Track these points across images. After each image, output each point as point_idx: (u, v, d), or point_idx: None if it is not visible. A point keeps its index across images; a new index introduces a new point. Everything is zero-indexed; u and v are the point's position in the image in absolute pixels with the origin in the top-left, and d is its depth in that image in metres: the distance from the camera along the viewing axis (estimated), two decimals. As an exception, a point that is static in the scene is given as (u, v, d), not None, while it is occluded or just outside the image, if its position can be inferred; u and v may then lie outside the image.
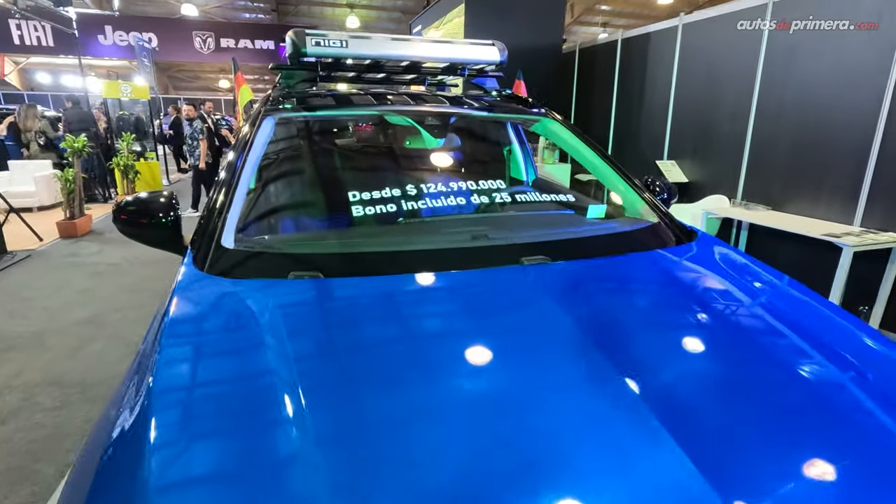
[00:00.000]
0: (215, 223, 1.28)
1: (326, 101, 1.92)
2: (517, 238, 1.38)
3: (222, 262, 1.18)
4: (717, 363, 0.93)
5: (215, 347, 0.93)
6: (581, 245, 1.39)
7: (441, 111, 2.02)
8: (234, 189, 1.38)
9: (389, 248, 1.30)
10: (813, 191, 3.65)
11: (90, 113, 8.00)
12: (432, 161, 1.95)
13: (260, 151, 1.56)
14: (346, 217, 1.38)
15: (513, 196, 1.58)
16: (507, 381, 0.85)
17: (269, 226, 1.53)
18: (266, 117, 1.67)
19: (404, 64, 2.23)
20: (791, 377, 0.89)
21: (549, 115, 2.03)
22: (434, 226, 1.43)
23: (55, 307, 3.67)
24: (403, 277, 1.15)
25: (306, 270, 1.14)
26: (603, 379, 0.83)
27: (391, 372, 0.85)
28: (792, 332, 1.02)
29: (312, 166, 1.86)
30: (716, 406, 0.80)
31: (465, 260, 1.25)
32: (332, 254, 1.28)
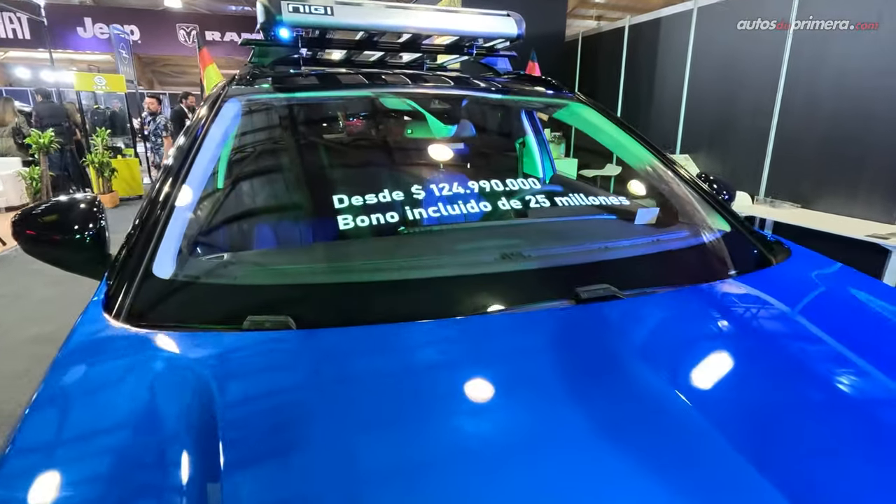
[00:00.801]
0: (145, 244, 0.91)
1: (308, 81, 1.56)
2: (563, 256, 1.02)
3: (148, 302, 0.82)
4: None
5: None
6: (651, 266, 1.04)
7: (450, 93, 1.66)
8: (175, 196, 1.00)
9: (390, 274, 0.93)
10: (849, 187, 3.34)
11: (63, 107, 7.53)
12: (441, 156, 1.58)
13: (217, 145, 1.19)
14: (329, 230, 1.02)
15: (549, 197, 1.21)
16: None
17: (222, 245, 1.14)
18: (228, 100, 1.30)
19: (402, 40, 1.87)
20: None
21: (576, 98, 1.68)
22: (448, 241, 1.08)
23: (8, 322, 3.26)
24: (414, 330, 0.79)
25: (270, 314, 0.78)
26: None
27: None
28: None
29: (287, 164, 1.46)
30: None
31: (496, 291, 0.89)
32: (309, 286, 0.91)
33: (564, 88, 1.75)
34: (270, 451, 0.56)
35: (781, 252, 1.18)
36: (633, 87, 5.33)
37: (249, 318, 0.77)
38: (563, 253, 1.04)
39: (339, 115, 1.83)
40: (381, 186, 1.09)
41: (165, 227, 0.93)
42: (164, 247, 0.90)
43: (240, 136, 1.34)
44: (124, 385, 0.66)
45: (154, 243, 0.90)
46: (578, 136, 5.84)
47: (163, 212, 0.96)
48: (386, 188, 1.08)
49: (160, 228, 0.92)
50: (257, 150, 1.45)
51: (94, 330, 0.78)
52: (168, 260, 0.89)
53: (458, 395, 0.67)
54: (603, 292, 0.87)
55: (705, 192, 1.36)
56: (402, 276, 0.92)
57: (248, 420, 0.60)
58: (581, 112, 1.66)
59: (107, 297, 0.83)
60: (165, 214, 0.96)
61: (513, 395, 0.67)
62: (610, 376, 0.70)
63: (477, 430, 0.60)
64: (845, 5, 3.23)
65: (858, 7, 3.16)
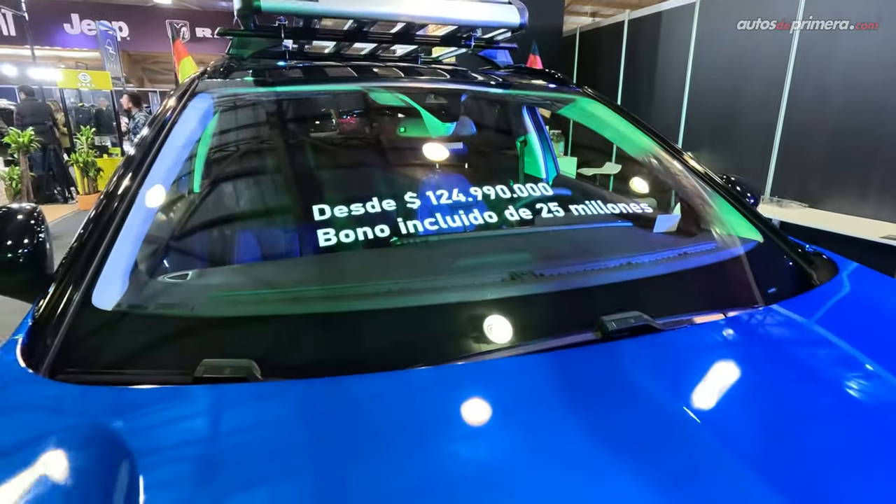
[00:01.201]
0: (86, 262, 0.76)
1: (289, 74, 1.41)
2: (582, 276, 0.88)
3: (80, 344, 0.66)
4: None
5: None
6: (684, 286, 0.90)
7: (448, 88, 1.51)
8: (126, 205, 0.84)
9: (377, 303, 0.78)
10: (860, 186, 3.22)
11: (45, 105, 7.31)
12: (438, 158, 1.42)
13: (183, 146, 1.04)
14: (307, 247, 0.87)
15: (561, 204, 1.07)
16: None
17: (179, 267, 0.95)
18: (196, 95, 1.15)
19: (394, 30, 1.72)
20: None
21: (585, 93, 1.54)
22: (447, 259, 0.93)
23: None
24: (404, 379, 0.64)
25: (228, 358, 0.64)
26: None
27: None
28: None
29: (262, 169, 1.28)
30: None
31: (504, 324, 0.75)
32: (280, 319, 0.76)
33: (571, 82, 1.61)
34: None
35: (825, 266, 1.04)
36: (633, 84, 5.20)
37: (204, 362, 0.62)
38: (582, 271, 0.89)
39: (323, 112, 1.67)
40: (369, 195, 0.94)
41: (111, 246, 0.78)
42: (107, 270, 0.75)
43: (209, 136, 1.18)
44: (33, 460, 0.51)
45: (96, 265, 0.74)
46: (578, 133, 5.71)
47: (109, 226, 0.80)
48: (374, 197, 0.93)
49: (104, 247, 0.77)
50: (229, 153, 1.28)
51: (2, 383, 0.62)
52: (111, 286, 0.74)
53: (461, 481, 0.51)
54: (634, 321, 0.73)
55: (733, 196, 1.22)
56: (392, 305, 0.77)
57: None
58: (590, 108, 1.52)
59: (28, 337, 0.68)
60: (113, 229, 0.80)
61: (536, 480, 0.52)
62: (653, 439, 0.55)
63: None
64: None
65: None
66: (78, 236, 0.83)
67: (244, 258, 1.07)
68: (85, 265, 0.75)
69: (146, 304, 0.75)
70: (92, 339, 0.68)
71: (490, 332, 0.73)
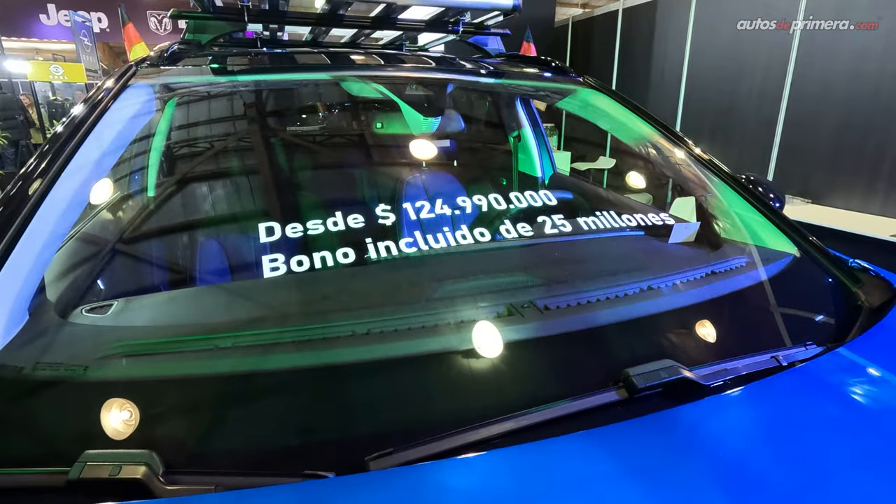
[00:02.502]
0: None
1: (247, 61, 1.22)
2: (595, 308, 0.71)
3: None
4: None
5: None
6: (717, 323, 0.73)
7: (433, 78, 1.33)
8: (25, 220, 0.66)
9: (329, 354, 0.60)
10: (866, 182, 3.08)
11: (15, 99, 7.00)
12: (419, 160, 1.23)
13: (109, 145, 0.85)
14: (251, 275, 0.70)
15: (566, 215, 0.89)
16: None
17: (90, 300, 0.73)
18: (131, 85, 0.96)
19: (374, 14, 1.53)
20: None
21: (587, 83, 1.37)
22: (427, 290, 0.75)
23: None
24: (359, 484, 0.45)
25: (122, 447, 0.46)
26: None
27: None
28: None
29: (205, 176, 1.06)
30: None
31: (500, 388, 0.58)
32: (196, 384, 0.57)
33: (571, 71, 1.44)
34: None
35: (879, 287, 0.88)
36: (628, 76, 5.03)
37: (85, 455, 0.44)
38: (595, 303, 0.71)
39: (286, 105, 1.48)
40: (332, 207, 0.76)
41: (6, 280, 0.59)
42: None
43: (147, 135, 0.99)
44: None
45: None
46: (572, 126, 5.54)
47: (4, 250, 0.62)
48: (338, 210, 0.75)
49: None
50: (167, 157, 1.08)
51: None
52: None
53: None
54: (667, 375, 0.56)
55: (761, 202, 1.05)
56: (353, 359, 0.60)
57: None
58: (593, 100, 1.35)
59: None
60: (3, 248, 0.62)
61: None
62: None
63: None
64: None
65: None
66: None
67: (177, 285, 0.87)
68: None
69: (25, 360, 0.57)
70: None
71: (476, 404, 0.56)
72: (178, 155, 1.14)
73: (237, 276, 0.85)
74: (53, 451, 0.47)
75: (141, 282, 0.85)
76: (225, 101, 1.22)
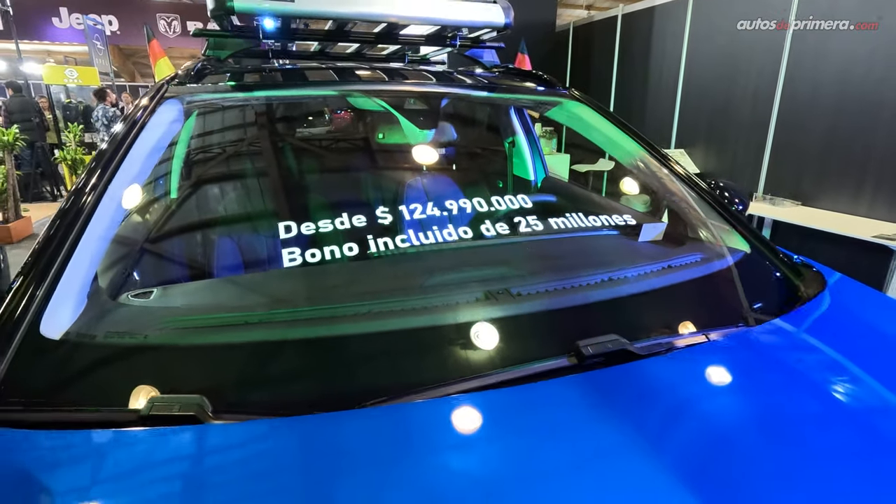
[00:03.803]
0: (34, 287, 0.72)
1: (264, 78, 1.36)
2: (559, 294, 0.85)
3: (24, 380, 0.63)
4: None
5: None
6: (666, 305, 0.87)
7: (426, 91, 1.46)
8: (85, 222, 0.80)
9: (340, 327, 0.75)
10: (853, 184, 3.19)
11: (33, 102, 7.20)
12: (415, 166, 1.38)
13: (148, 155, 1.00)
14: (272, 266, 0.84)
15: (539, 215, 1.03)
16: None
17: (140, 287, 0.91)
18: (166, 101, 1.10)
19: (377, 30, 1.67)
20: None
21: (571, 95, 1.50)
22: (418, 277, 0.89)
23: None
24: (357, 419, 0.60)
25: (180, 393, 0.60)
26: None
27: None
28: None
29: (229, 182, 1.23)
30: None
31: (474, 351, 0.72)
32: (232, 349, 0.72)
33: (558, 84, 1.57)
34: None
35: (813, 279, 1.01)
36: (627, 79, 5.15)
37: (151, 399, 0.59)
38: (560, 289, 0.86)
39: (299, 118, 1.62)
40: (342, 208, 0.90)
41: (64, 266, 0.74)
42: (58, 293, 0.71)
43: (176, 145, 1.14)
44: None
45: (46, 288, 0.71)
46: (571, 131, 5.67)
47: (62, 245, 0.76)
48: (345, 211, 0.89)
49: (56, 268, 0.73)
50: (196, 163, 1.24)
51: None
52: (61, 313, 0.70)
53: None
54: (611, 346, 0.70)
55: (719, 203, 1.18)
56: (361, 331, 0.74)
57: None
58: (576, 111, 1.48)
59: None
60: (66, 249, 0.76)
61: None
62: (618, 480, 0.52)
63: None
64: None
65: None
66: (31, 254, 0.78)
67: (207, 277, 1.03)
68: (34, 289, 0.71)
69: (97, 331, 0.71)
70: (36, 375, 0.64)
71: (453, 362, 0.70)
72: (207, 162, 1.28)
73: (260, 267, 1.00)
74: (127, 396, 0.61)
75: (177, 271, 1.00)
76: (245, 112, 1.37)
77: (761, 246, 1.08)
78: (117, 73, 11.70)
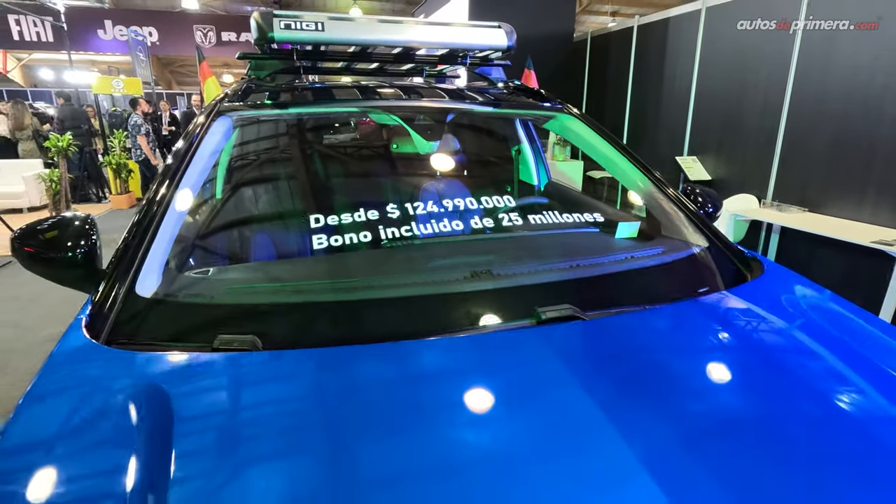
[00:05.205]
0: (130, 259, 0.96)
1: (299, 97, 1.60)
2: (530, 276, 1.05)
3: (127, 322, 0.87)
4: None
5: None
6: (616, 285, 1.06)
7: (435, 107, 1.68)
8: (164, 210, 1.05)
9: (357, 294, 0.98)
10: (857, 191, 3.28)
11: (83, 110, 7.74)
12: (422, 171, 1.61)
13: (208, 160, 1.24)
14: (305, 249, 1.07)
15: (524, 212, 1.25)
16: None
17: (202, 264, 1.19)
18: (219, 116, 1.35)
19: (395, 51, 1.91)
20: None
21: (565, 109, 1.70)
22: (421, 258, 1.11)
23: (26, 323, 3.40)
24: (362, 351, 0.82)
25: (240, 334, 0.83)
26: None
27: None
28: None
29: (271, 181, 1.52)
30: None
31: (459, 312, 0.93)
32: (275, 306, 0.96)
33: (554, 100, 1.77)
34: (221, 467, 0.60)
35: (756, 267, 1.19)
36: (642, 87, 5.29)
37: (219, 337, 0.82)
38: (531, 271, 1.06)
39: (328, 130, 1.88)
40: (358, 205, 1.13)
41: (149, 247, 0.98)
42: (146, 267, 0.95)
43: (229, 151, 1.40)
44: (94, 402, 0.71)
45: (137, 263, 0.95)
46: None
47: (146, 232, 1.01)
48: (362, 207, 1.12)
49: (143, 248, 0.97)
50: (244, 168, 1.50)
51: (73, 350, 0.83)
52: (150, 279, 0.94)
53: (400, 411, 0.70)
54: (560, 313, 0.90)
55: (684, 205, 1.37)
56: (363, 296, 0.96)
57: (203, 437, 0.64)
58: (569, 123, 1.68)
59: (90, 316, 0.89)
60: (149, 235, 1.01)
61: (449, 413, 0.71)
62: (544, 402, 0.72)
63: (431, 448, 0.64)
64: (852, 3, 3.17)
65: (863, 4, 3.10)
66: (123, 239, 1.03)
67: (254, 257, 1.28)
68: (129, 263, 0.95)
69: (176, 293, 0.95)
70: (135, 319, 0.88)
71: (445, 317, 0.91)
72: (250, 166, 1.54)
73: (291, 250, 1.24)
74: (202, 335, 0.84)
75: (228, 251, 1.26)
76: (286, 125, 1.63)
77: (716, 240, 1.26)
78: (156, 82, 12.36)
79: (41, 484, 0.58)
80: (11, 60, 18.85)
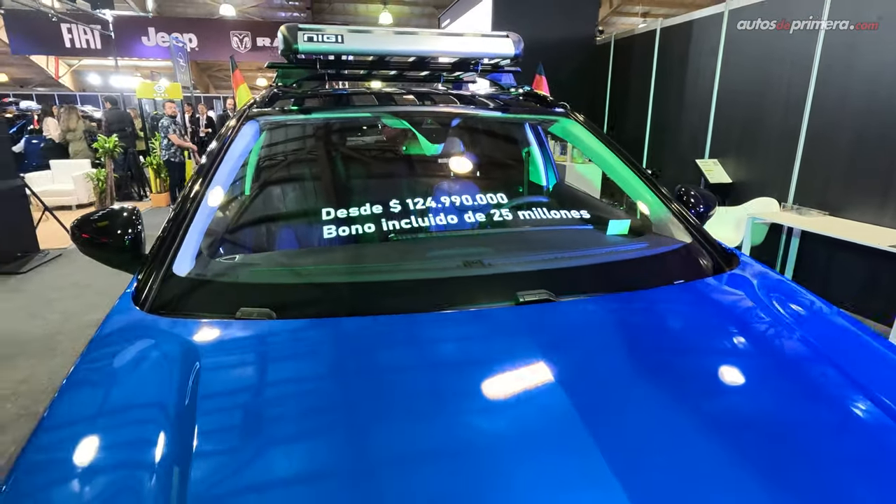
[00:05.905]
0: (169, 245, 1.13)
1: (318, 103, 1.76)
2: (515, 265, 1.17)
3: (166, 295, 1.03)
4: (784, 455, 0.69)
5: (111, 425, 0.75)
6: (593, 274, 1.17)
7: (443, 112, 1.81)
8: (198, 204, 1.22)
9: (359, 277, 1.12)
10: (879, 195, 3.24)
11: (128, 113, 8.20)
12: (427, 170, 1.75)
13: (237, 160, 1.41)
14: (317, 238, 1.21)
15: (518, 210, 1.37)
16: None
17: (229, 250, 1.36)
18: (248, 121, 1.52)
19: (411, 60, 2.04)
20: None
21: (568, 114, 1.80)
22: (421, 249, 1.24)
23: (73, 309, 3.69)
24: (363, 322, 0.96)
25: (257, 307, 0.97)
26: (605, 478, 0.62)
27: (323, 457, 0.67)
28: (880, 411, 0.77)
29: (294, 179, 1.69)
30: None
31: (451, 294, 1.05)
32: (288, 285, 1.11)
33: (558, 106, 1.87)
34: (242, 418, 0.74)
35: (732, 261, 1.28)
36: (664, 90, 5.29)
37: (241, 309, 0.97)
38: (516, 262, 1.18)
39: (351, 133, 2.04)
40: (365, 201, 1.27)
41: (185, 235, 1.14)
42: (182, 252, 1.11)
43: (256, 154, 1.56)
44: (141, 362, 0.87)
45: (175, 248, 1.11)
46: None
47: (182, 222, 1.17)
48: (369, 202, 1.26)
49: (180, 236, 1.14)
50: (270, 167, 1.67)
51: (121, 316, 1.00)
52: (185, 262, 1.10)
53: (403, 378, 0.83)
54: (537, 296, 1.02)
55: (671, 202, 1.46)
56: (367, 279, 1.10)
57: (224, 382, 0.80)
58: (570, 127, 1.78)
59: (136, 291, 1.06)
60: (185, 224, 1.17)
61: (442, 380, 0.83)
62: (524, 374, 0.83)
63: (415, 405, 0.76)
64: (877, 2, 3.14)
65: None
66: (162, 229, 1.20)
67: (276, 246, 1.45)
68: (168, 248, 1.12)
69: (206, 273, 1.12)
70: (173, 293, 1.04)
71: (438, 297, 1.04)
72: (276, 165, 1.71)
73: (302, 239, 1.40)
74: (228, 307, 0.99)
75: (252, 240, 1.42)
76: (308, 128, 1.80)
77: (699, 235, 1.35)
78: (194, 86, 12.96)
79: (100, 420, 0.73)
80: (63, 66, 20.01)
